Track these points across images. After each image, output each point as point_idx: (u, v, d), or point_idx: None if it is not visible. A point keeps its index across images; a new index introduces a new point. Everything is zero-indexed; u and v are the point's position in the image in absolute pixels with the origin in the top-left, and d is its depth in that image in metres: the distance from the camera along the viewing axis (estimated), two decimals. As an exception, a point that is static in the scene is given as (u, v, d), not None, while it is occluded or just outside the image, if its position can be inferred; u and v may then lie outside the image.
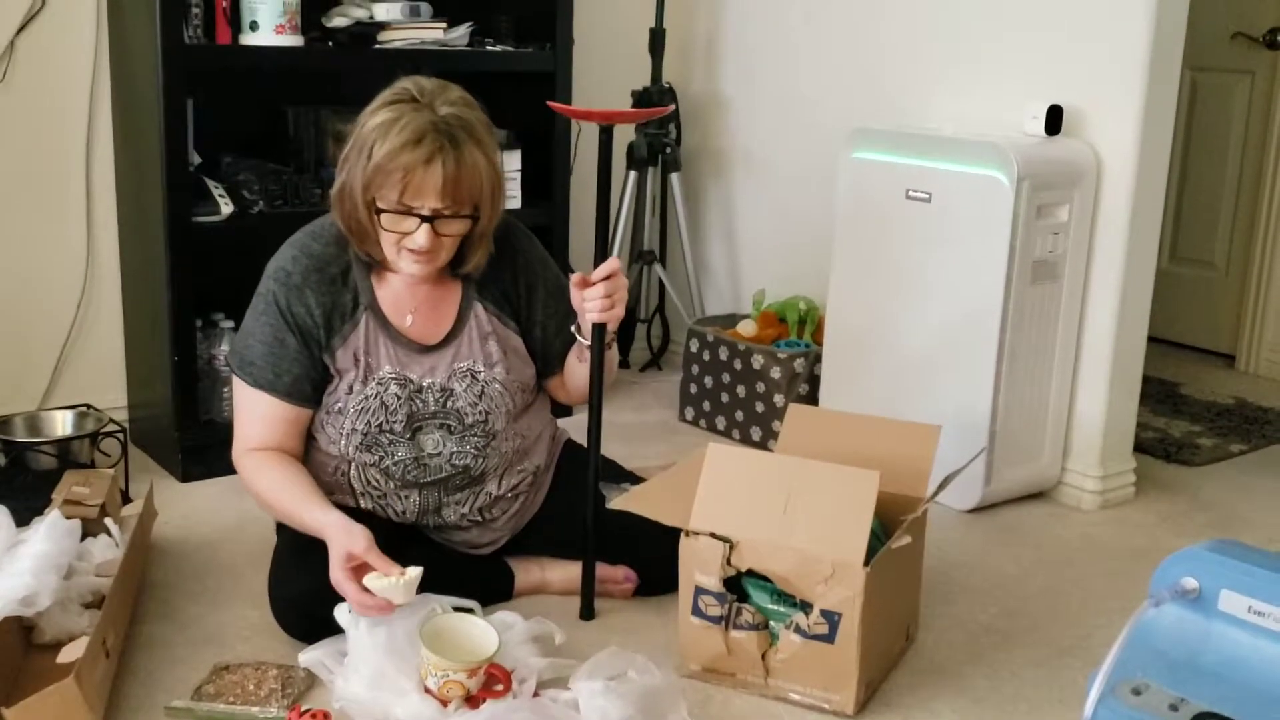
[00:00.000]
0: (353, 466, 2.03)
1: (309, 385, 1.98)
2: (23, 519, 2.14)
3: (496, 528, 2.15)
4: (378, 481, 2.05)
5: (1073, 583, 2.36)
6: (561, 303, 2.05)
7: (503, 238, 2.05)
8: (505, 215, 2.04)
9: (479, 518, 2.11)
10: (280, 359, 1.95)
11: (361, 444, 1.99)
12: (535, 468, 2.16)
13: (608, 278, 1.93)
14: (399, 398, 1.98)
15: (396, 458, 2.01)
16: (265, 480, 1.95)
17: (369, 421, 1.97)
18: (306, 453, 2.05)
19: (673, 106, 3.37)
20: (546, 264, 2.11)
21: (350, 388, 1.97)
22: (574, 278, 1.95)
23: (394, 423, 1.98)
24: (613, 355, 2.07)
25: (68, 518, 2.01)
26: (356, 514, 2.03)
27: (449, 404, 2.00)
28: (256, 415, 1.97)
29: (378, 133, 1.84)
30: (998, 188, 2.50)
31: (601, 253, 2.00)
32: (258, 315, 1.97)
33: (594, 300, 1.94)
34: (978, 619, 2.19)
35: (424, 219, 1.86)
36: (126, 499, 2.45)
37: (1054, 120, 2.59)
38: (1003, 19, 2.77)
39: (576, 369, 2.08)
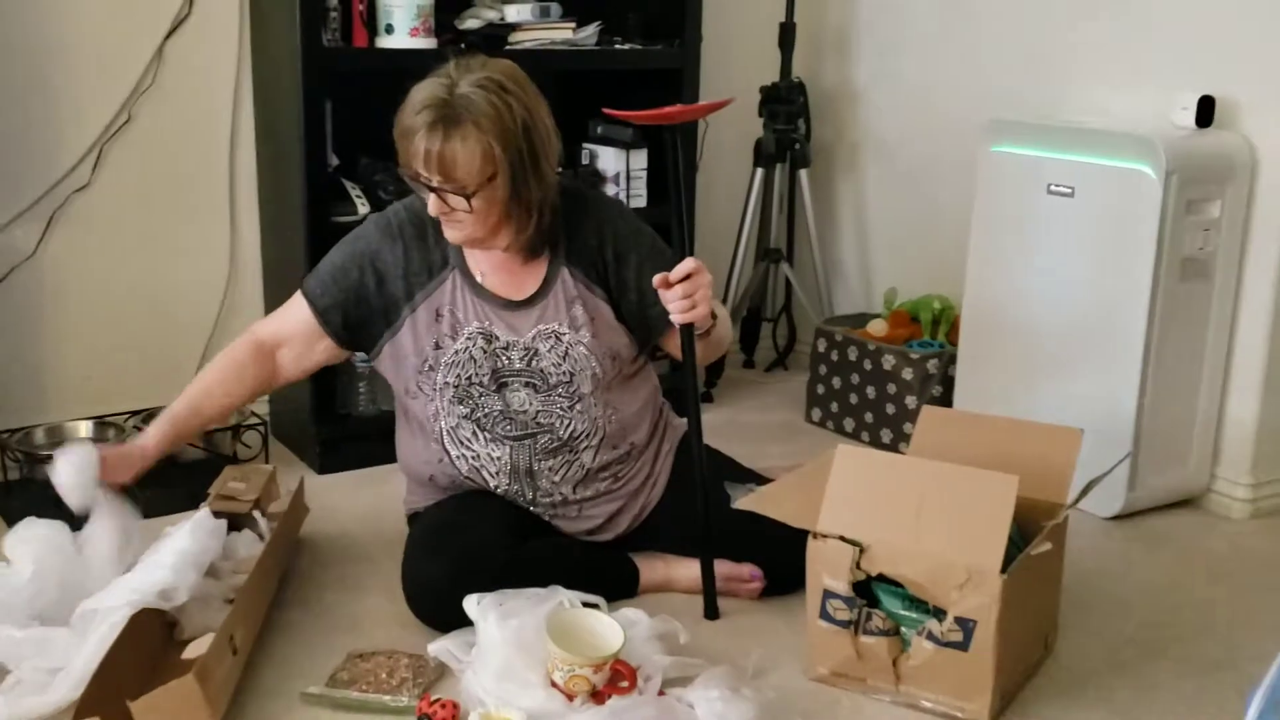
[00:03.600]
0: (445, 429, 2.10)
1: (339, 315, 2.08)
2: (169, 508, 2.22)
3: (598, 505, 2.15)
4: (468, 440, 2.10)
5: (1222, 595, 2.26)
6: (664, 266, 2.03)
7: (587, 209, 2.10)
8: (581, 187, 2.11)
9: (574, 493, 2.12)
10: (336, 283, 2.07)
11: (454, 397, 2.07)
12: (631, 445, 2.16)
13: (686, 278, 1.94)
14: (485, 351, 2.05)
15: (486, 409, 2.07)
16: (211, 365, 2.13)
17: (459, 375, 2.06)
18: (400, 428, 2.19)
19: (733, 99, 3.32)
20: (639, 233, 2.13)
21: (438, 343, 2.06)
22: (656, 279, 1.96)
23: (482, 376, 2.05)
24: (721, 329, 2.08)
25: (217, 514, 2.06)
26: (459, 496, 2.12)
27: (533, 363, 2.06)
28: (283, 310, 2.14)
29: (408, 96, 1.93)
30: (1145, 182, 2.41)
31: (681, 252, 1.99)
32: (344, 243, 2.11)
33: (674, 302, 1.95)
34: (1120, 630, 2.11)
35: (431, 188, 1.92)
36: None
37: (1205, 111, 2.48)
38: (1151, 2, 2.66)
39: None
